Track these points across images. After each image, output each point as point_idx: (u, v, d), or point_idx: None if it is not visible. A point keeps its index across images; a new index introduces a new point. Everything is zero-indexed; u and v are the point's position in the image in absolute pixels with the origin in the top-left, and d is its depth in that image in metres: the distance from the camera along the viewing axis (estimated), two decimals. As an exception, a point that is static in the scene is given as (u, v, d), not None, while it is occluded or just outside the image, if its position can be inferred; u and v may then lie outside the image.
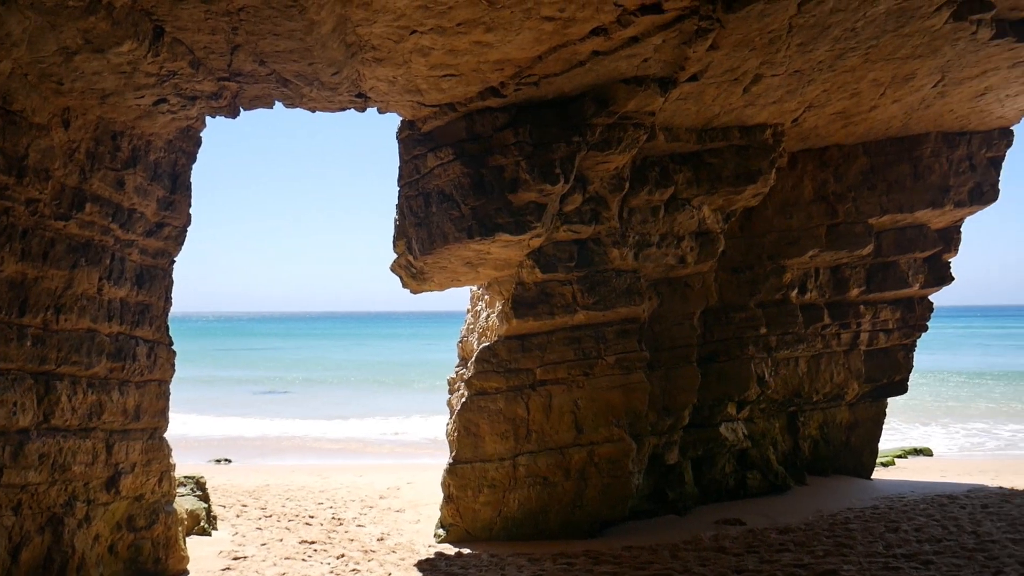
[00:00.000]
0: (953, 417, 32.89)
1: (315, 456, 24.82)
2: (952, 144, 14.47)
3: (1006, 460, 22.87)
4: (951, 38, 10.21)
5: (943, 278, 16.12)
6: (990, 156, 14.66)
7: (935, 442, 26.51)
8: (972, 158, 14.60)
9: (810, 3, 8.50)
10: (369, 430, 31.00)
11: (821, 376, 16.02)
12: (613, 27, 8.44)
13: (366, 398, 42.23)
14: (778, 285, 14.59)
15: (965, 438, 28.15)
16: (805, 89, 11.13)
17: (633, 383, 12.18)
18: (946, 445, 26.37)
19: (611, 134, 10.49)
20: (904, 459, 22.93)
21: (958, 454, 24.86)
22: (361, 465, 22.13)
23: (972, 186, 14.69)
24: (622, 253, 11.83)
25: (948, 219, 15.46)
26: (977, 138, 14.51)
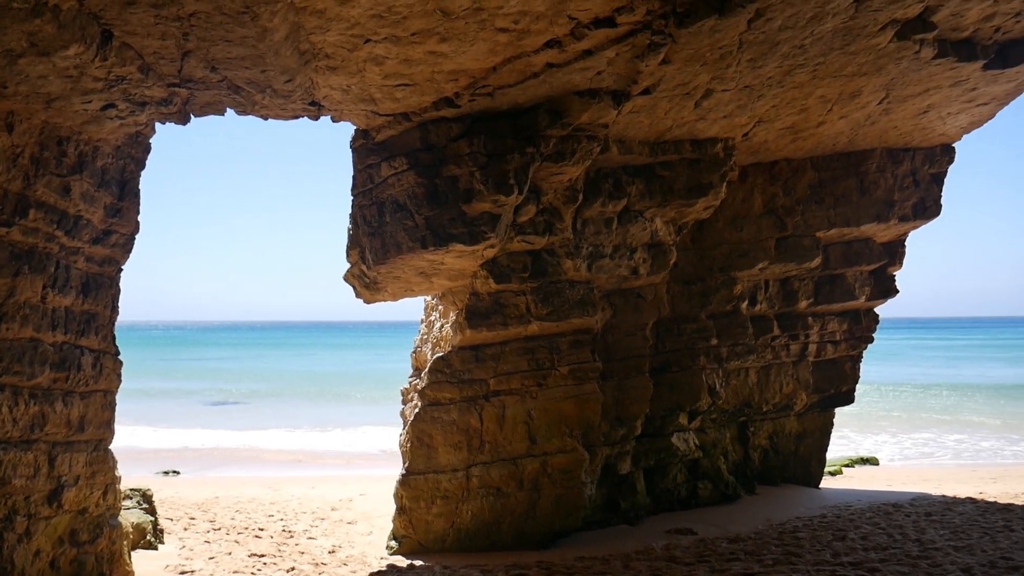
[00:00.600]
0: (900, 427, 33.59)
1: (266, 468, 24.49)
2: (897, 160, 14.83)
3: (950, 469, 23.42)
4: (895, 57, 10.48)
5: (888, 291, 16.48)
6: (933, 172, 15.04)
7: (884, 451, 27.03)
8: (916, 174, 14.97)
9: (759, 20, 8.67)
10: (322, 441, 30.68)
11: (771, 386, 16.25)
12: (567, 40, 8.52)
13: (319, 409, 41.80)
14: (729, 297, 14.79)
15: (911, 448, 28.76)
16: (755, 104, 11.33)
17: (586, 393, 12.24)
18: (893, 454, 26.91)
19: (565, 146, 10.57)
20: (851, 468, 23.36)
21: (904, 463, 25.39)
22: (313, 477, 21.89)
23: (916, 201, 15.05)
24: (576, 264, 11.91)
25: (893, 233, 15.82)
26: (920, 154, 14.89)
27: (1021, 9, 10.01)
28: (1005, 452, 27.60)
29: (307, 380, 60.42)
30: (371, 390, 49.76)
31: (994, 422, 34.95)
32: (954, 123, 13.67)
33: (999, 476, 20.72)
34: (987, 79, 11.56)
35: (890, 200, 14.89)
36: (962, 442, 29.77)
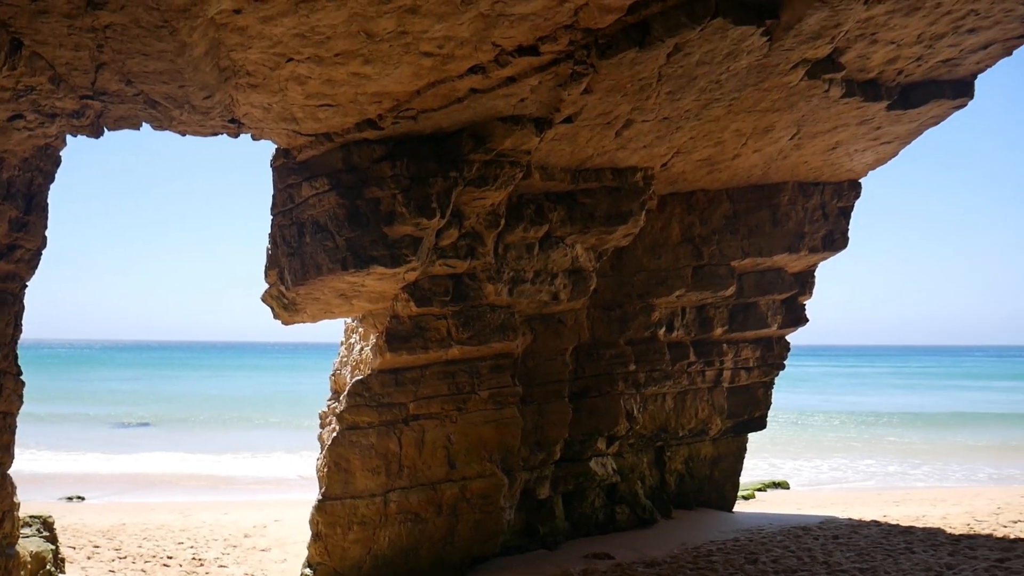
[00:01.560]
0: (810, 452, 34.55)
1: (176, 493, 23.72)
2: (807, 194, 15.38)
3: (857, 492, 24.17)
4: (806, 94, 10.90)
5: (799, 319, 17.02)
6: (841, 206, 15.65)
7: (794, 476, 27.70)
8: (825, 207, 15.55)
9: (678, 55, 8.92)
10: (236, 466, 29.89)
11: (687, 412, 16.55)
12: (491, 66, 8.61)
13: (234, 432, 40.75)
14: (647, 323, 15.05)
15: (821, 472, 29.57)
16: (673, 136, 11.62)
17: (506, 418, 12.26)
18: (803, 479, 27.62)
19: (488, 171, 10.65)
20: (764, 492, 23.91)
21: (813, 487, 26.10)
22: (226, 502, 21.29)
23: (825, 233, 15.62)
24: (497, 289, 11.97)
25: (803, 264, 16.37)
26: (829, 189, 15.48)
27: (922, 54, 10.55)
28: (908, 476, 28.64)
29: (222, 402, 58.85)
30: (289, 413, 48.77)
31: (899, 448, 36.25)
32: (861, 160, 14.26)
33: (902, 499, 21.49)
34: (891, 119, 12.11)
35: (801, 232, 15.41)
36: (872, 466, 30.77)
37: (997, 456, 32.99)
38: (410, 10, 7.38)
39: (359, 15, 7.35)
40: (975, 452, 34.30)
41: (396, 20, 7.51)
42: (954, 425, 44.97)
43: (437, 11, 7.45)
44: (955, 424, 45.50)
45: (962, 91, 11.72)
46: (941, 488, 25.03)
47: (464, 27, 7.79)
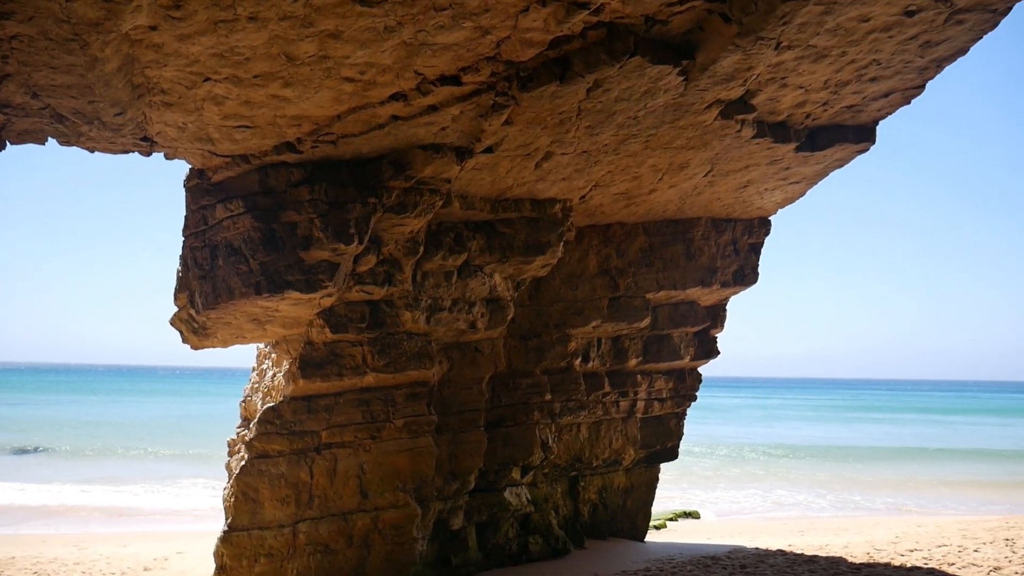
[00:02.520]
0: (724, 482, 35.23)
1: (72, 524, 22.66)
2: (720, 229, 15.81)
3: (764, 522, 24.71)
4: (720, 133, 11.25)
5: (710, 352, 17.39)
6: (751, 242, 16.13)
7: (705, 505, 28.17)
8: (736, 243, 16.00)
9: (597, 90, 9.10)
10: (136, 496, 28.75)
11: (601, 442, 16.69)
12: (413, 94, 8.63)
13: (134, 460, 39.24)
14: (563, 353, 15.17)
15: (731, 502, 30.14)
16: (592, 169, 11.82)
17: (421, 447, 12.15)
18: (714, 508, 28.11)
19: (408, 198, 10.63)
20: (675, 522, 24.22)
21: (723, 517, 26.57)
22: (126, 533, 20.45)
23: (736, 269, 16.05)
24: (414, 316, 11.90)
25: (715, 297, 16.78)
26: (741, 225, 15.95)
27: (828, 100, 11.02)
28: (812, 506, 29.44)
29: (123, 429, 56.57)
30: (196, 441, 47.23)
31: (804, 478, 37.26)
32: (770, 198, 14.75)
33: (806, 529, 22.04)
34: (799, 160, 12.58)
35: (713, 267, 15.81)
36: (783, 496, 31.52)
37: (895, 488, 34.24)
38: (332, 35, 7.36)
39: (280, 37, 7.29)
40: (874, 484, 35.53)
41: (318, 44, 7.47)
42: (855, 457, 46.52)
43: (360, 37, 7.44)
44: (856, 456, 47.08)
45: (865, 136, 12.26)
46: (843, 518, 25.79)
47: (387, 54, 7.80)
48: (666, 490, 28.17)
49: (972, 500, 30.52)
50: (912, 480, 36.29)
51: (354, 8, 6.97)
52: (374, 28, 7.32)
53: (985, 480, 35.41)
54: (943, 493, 31.92)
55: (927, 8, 8.62)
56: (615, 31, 8.28)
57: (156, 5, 6.56)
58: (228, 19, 6.91)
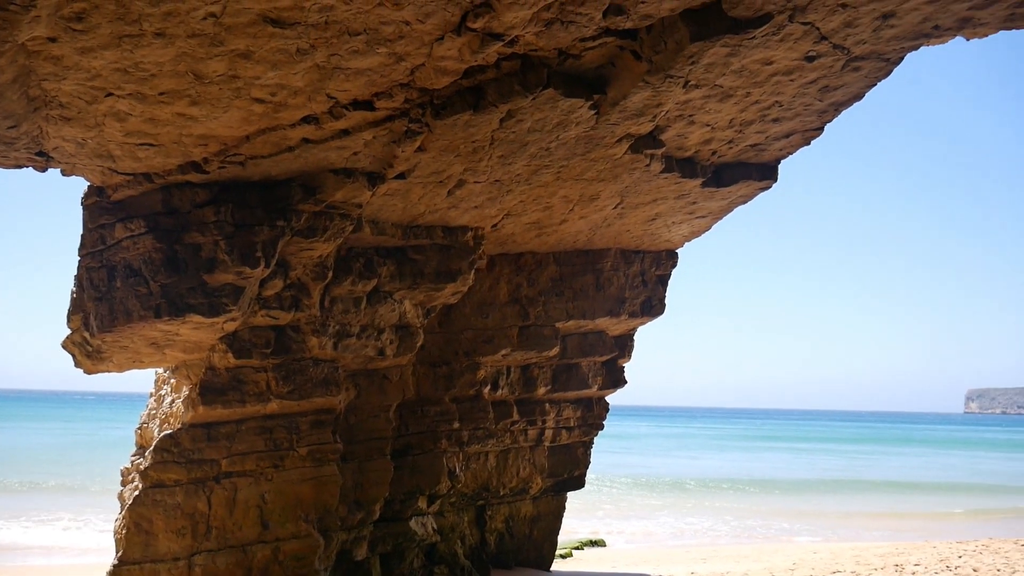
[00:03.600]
0: (629, 510, 35.56)
1: (-54, 560, 21.26)
2: (629, 261, 16.09)
3: (668, 550, 25.01)
4: (629, 167, 11.48)
5: (618, 381, 17.62)
6: (659, 274, 16.47)
7: (611, 534, 28.33)
8: (645, 274, 16.31)
9: (511, 121, 9.19)
10: (21, 529, 27.20)
11: (509, 470, 16.66)
12: (325, 117, 8.54)
13: (17, 492, 37.20)
14: (472, 381, 15.12)
15: (637, 530, 30.38)
16: (504, 198, 11.90)
17: (325, 476, 11.90)
18: (619, 537, 28.30)
19: (317, 222, 10.46)
20: (581, 551, 24.28)
21: (628, 545, 26.78)
22: (7, 568, 19.32)
23: (644, 300, 16.35)
24: (321, 342, 11.69)
25: (623, 327, 17.03)
26: (649, 257, 16.27)
27: (733, 138, 11.40)
28: (715, 533, 29.97)
29: (6, 457, 53.60)
30: (85, 470, 45.08)
31: (708, 506, 37.96)
32: (678, 231, 15.12)
33: (709, 556, 22.43)
34: (705, 195, 12.95)
35: (622, 297, 16.06)
36: (692, 524, 31.96)
37: (793, 516, 35.21)
38: (243, 55, 7.22)
39: (188, 55, 7.12)
40: (774, 511, 36.46)
41: (227, 63, 7.32)
42: (758, 485, 47.69)
43: (271, 59, 7.33)
44: (758, 484, 48.27)
45: (767, 174, 12.71)
46: (744, 545, 26.35)
47: (299, 77, 7.70)
48: (573, 519, 28.28)
49: (864, 528, 31.62)
50: (810, 508, 37.38)
51: (266, 29, 6.87)
52: (286, 50, 7.22)
53: (874, 511, 36.73)
54: (839, 521, 32.93)
55: (826, 54, 9.03)
56: (529, 63, 8.39)
57: (57, 16, 6.32)
58: (133, 34, 6.72)
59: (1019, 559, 18.85)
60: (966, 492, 42.86)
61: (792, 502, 39.00)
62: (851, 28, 8.48)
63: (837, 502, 39.13)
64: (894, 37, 8.81)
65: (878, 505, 37.75)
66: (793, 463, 67.12)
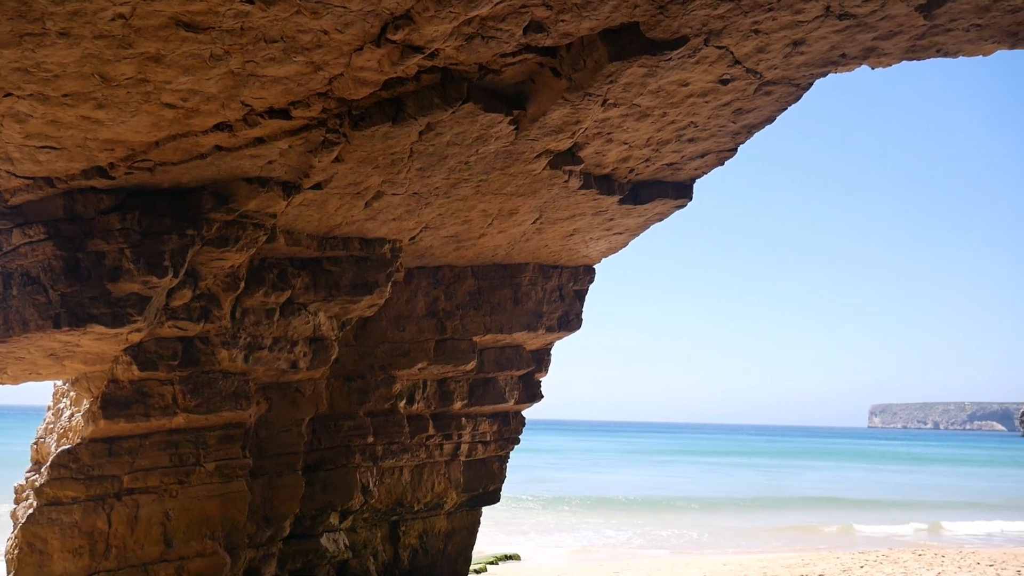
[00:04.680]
0: (546, 524, 35.66)
1: None
2: (547, 275, 16.17)
3: (582, 564, 25.17)
4: (548, 183, 11.55)
5: (534, 395, 17.67)
6: (576, 289, 16.60)
7: (525, 548, 28.31)
8: (562, 289, 16.42)
9: (430, 133, 9.14)
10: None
11: (423, 485, 16.51)
12: (239, 125, 8.33)
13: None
14: (388, 395, 14.94)
15: (553, 544, 30.45)
16: (423, 211, 11.82)
17: (233, 492, 11.59)
18: (534, 550, 28.30)
19: (229, 231, 10.19)
20: (495, 565, 24.22)
21: (545, 559, 26.83)
22: None
23: (561, 314, 16.45)
24: (231, 355, 11.37)
25: (541, 342, 17.10)
26: (567, 272, 16.39)
27: (650, 156, 11.58)
28: (629, 546, 30.29)
29: None
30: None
31: (623, 519, 38.37)
32: (595, 247, 15.27)
33: (621, 569, 22.67)
34: (622, 212, 13.12)
35: (539, 312, 16.13)
36: (598, 538, 32.19)
37: (705, 531, 35.87)
38: (153, 58, 6.99)
39: (95, 57, 6.85)
40: (688, 524, 37.10)
41: (136, 67, 7.08)
42: (672, 498, 48.46)
43: (183, 63, 7.11)
44: (672, 498, 49.06)
45: (683, 192, 12.95)
46: (656, 559, 26.70)
47: (212, 83, 7.50)
48: (489, 533, 28.20)
49: (773, 540, 32.42)
50: (722, 522, 38.13)
51: (178, 32, 6.66)
52: (199, 55, 7.02)
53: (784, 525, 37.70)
54: (750, 534, 33.63)
55: (740, 78, 9.26)
56: (449, 76, 8.36)
57: (-49, 10, 6.01)
58: (36, 32, 6.43)
59: (916, 567, 19.61)
60: (872, 506, 44.29)
61: (705, 516, 39.73)
62: (763, 53, 8.72)
63: (749, 516, 40.02)
64: (803, 64, 9.10)
65: (788, 519, 38.71)
66: (709, 477, 68.50)
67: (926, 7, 7.99)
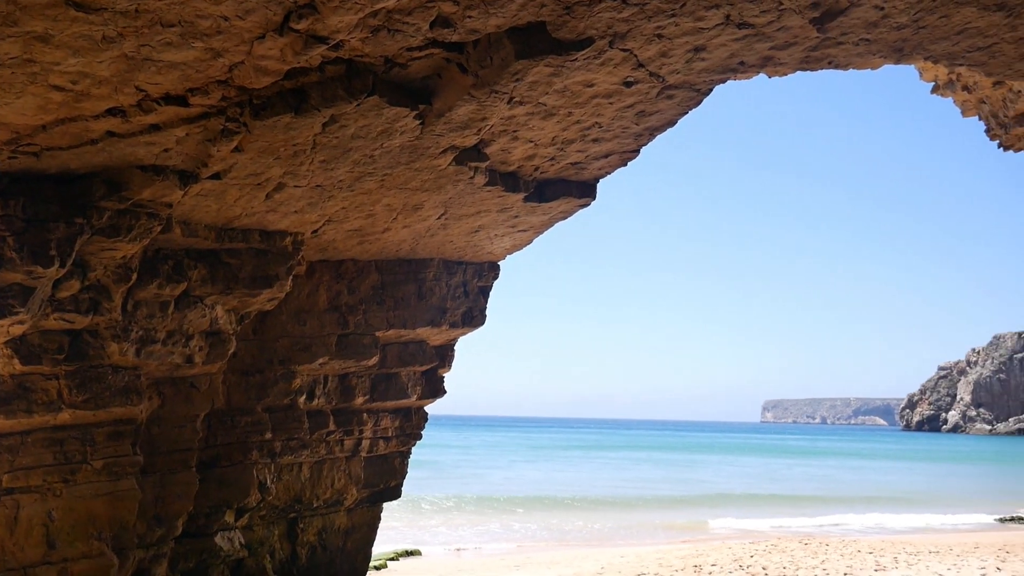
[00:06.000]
0: (447, 519, 35.69)
1: None
2: (451, 271, 16.16)
3: (484, 558, 25.28)
4: (454, 178, 11.54)
5: (437, 391, 17.64)
6: (480, 285, 16.64)
7: (427, 543, 28.25)
8: (466, 285, 16.43)
9: (333, 125, 9.00)
10: None
11: (323, 482, 16.28)
12: (133, 111, 8.02)
13: None
14: (287, 390, 14.65)
15: (454, 539, 30.50)
16: (326, 204, 11.63)
17: (122, 491, 11.17)
18: (436, 546, 28.27)
19: (121, 220, 9.78)
20: (396, 561, 24.11)
21: (446, 555, 26.84)
22: None
23: (465, 310, 16.46)
24: (122, 348, 10.95)
25: (444, 338, 17.07)
26: (471, 268, 16.41)
27: (555, 155, 11.70)
28: (531, 539, 30.59)
29: None
30: None
31: (524, 514, 38.71)
32: (500, 244, 15.34)
33: (523, 563, 22.90)
34: (527, 210, 13.21)
35: (443, 307, 16.09)
36: (499, 532, 32.39)
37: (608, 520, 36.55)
38: (40, 38, 6.66)
39: (-25, 33, 6.48)
40: (589, 516, 37.70)
41: (22, 46, 6.73)
42: (572, 494, 49.15)
43: (73, 44, 6.80)
44: (573, 493, 49.76)
45: (586, 192, 13.13)
46: (557, 552, 27.04)
47: (104, 66, 7.19)
48: (390, 530, 28.03)
49: (670, 533, 33.27)
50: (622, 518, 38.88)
51: (68, 12, 6.36)
52: (90, 36, 6.72)
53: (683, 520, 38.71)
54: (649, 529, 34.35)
55: (643, 81, 9.45)
56: (354, 68, 8.24)
57: None
58: (-91, 4, 6.05)
59: (802, 556, 20.45)
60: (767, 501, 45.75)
61: (603, 512, 40.40)
62: (666, 58, 8.92)
63: (649, 511, 40.84)
64: (704, 69, 9.35)
65: (683, 515, 39.65)
66: (609, 472, 69.74)
67: (819, 20, 8.32)
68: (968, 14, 8.28)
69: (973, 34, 8.67)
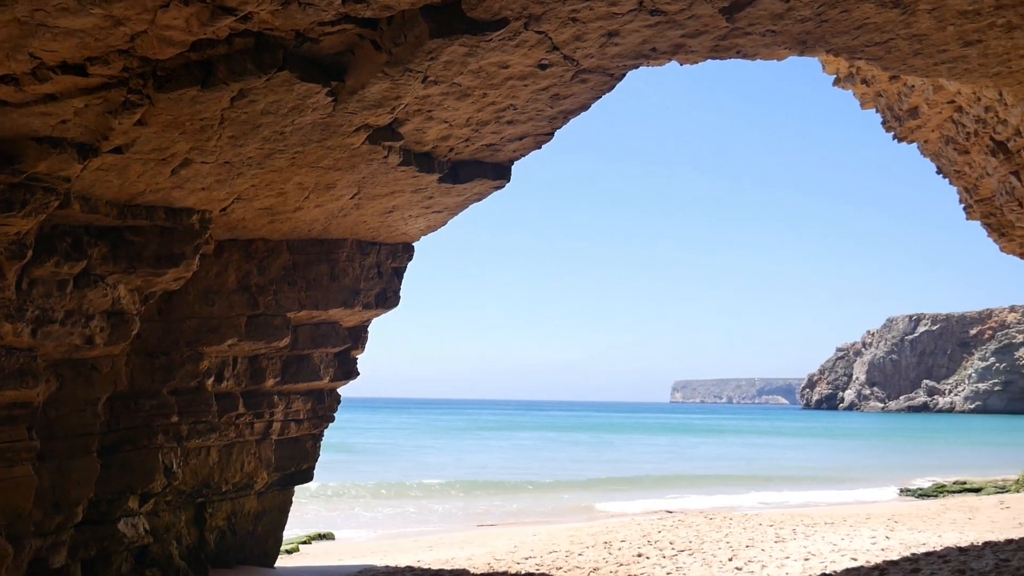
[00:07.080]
0: (358, 501, 35.47)
1: None
2: (365, 252, 15.98)
3: (397, 540, 25.23)
4: (367, 157, 11.39)
5: (350, 372, 17.48)
6: (395, 266, 16.51)
7: (340, 526, 28.03)
8: (380, 266, 16.28)
9: (242, 100, 8.76)
10: None
11: (232, 466, 15.97)
12: (26, 79, 7.64)
13: None
14: (194, 372, 14.28)
15: (367, 521, 30.35)
16: (235, 181, 11.34)
17: (17, 477, 10.71)
18: (349, 528, 28.09)
19: (15, 195, 9.32)
20: (308, 545, 23.88)
21: (358, 537, 26.69)
22: None
23: (379, 291, 16.32)
24: (16, 329, 10.46)
25: (357, 319, 16.91)
26: (385, 249, 16.27)
27: (470, 136, 11.67)
28: (446, 521, 30.66)
29: None
30: None
31: (437, 494, 38.77)
32: (414, 225, 15.24)
33: (435, 544, 22.95)
34: (441, 191, 13.16)
35: (357, 288, 15.92)
36: (411, 514, 32.35)
37: (518, 497, 36.90)
38: (-77, -1, 6.29)
39: None
40: (501, 494, 38.02)
41: (-98, 7, 6.34)
42: (484, 473, 49.46)
43: (-40, 6, 6.44)
44: (484, 472, 50.07)
45: (501, 174, 13.16)
46: (470, 531, 27.21)
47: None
48: (302, 512, 27.72)
49: (584, 513, 33.80)
50: (535, 498, 39.31)
51: (-47, -28, 6.03)
52: (-21, -1, 6.38)
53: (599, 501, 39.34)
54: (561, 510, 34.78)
55: (557, 64, 9.50)
56: (264, 42, 8.04)
57: None
58: None
59: (707, 530, 21.08)
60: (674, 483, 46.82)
61: (517, 494, 40.75)
62: (580, 42, 8.98)
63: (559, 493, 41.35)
64: (617, 55, 9.45)
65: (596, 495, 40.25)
66: (521, 453, 70.34)
67: (728, 10, 8.50)
68: (867, 10, 8.59)
69: (871, 29, 9.01)
